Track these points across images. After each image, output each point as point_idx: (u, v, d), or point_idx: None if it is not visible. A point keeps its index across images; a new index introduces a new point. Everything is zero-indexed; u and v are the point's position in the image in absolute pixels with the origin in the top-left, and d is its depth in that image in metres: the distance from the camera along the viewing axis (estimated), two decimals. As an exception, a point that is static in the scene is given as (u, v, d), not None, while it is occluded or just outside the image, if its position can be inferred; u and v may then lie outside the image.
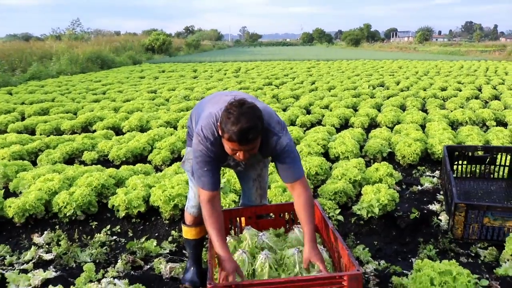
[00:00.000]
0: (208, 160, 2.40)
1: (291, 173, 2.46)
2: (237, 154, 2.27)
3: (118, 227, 4.02)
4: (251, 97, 2.56)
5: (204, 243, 3.09)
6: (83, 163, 5.98)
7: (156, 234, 3.88)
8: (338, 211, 3.89)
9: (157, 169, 5.65)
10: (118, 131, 7.89)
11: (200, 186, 2.44)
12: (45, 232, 3.91)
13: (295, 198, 2.51)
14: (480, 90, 12.38)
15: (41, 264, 3.41)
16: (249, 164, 2.81)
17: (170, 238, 3.74)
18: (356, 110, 9.32)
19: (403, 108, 9.69)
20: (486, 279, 2.85)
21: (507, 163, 4.67)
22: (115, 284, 2.92)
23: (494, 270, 3.03)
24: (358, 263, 2.20)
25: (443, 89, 12.61)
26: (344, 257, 2.36)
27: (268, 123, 2.39)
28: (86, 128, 8.23)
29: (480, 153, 4.69)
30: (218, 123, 2.27)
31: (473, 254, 3.36)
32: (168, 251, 3.54)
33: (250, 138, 2.16)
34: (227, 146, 2.27)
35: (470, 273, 2.68)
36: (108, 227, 4.00)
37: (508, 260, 3.05)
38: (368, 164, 5.36)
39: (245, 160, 2.34)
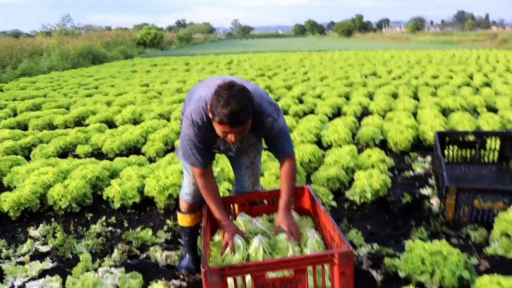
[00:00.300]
0: (196, 144, 2.48)
1: (284, 151, 2.64)
2: (229, 136, 2.30)
3: (113, 218, 4.04)
4: (242, 80, 2.59)
5: (199, 230, 3.12)
6: (76, 157, 5.98)
7: (152, 224, 3.91)
8: (331, 197, 3.94)
9: (151, 160, 5.67)
10: (111, 125, 7.89)
11: (191, 164, 2.58)
12: (41, 225, 3.93)
13: (281, 171, 2.69)
14: (471, 77, 12.44)
15: (37, 256, 3.43)
16: (241, 148, 2.84)
17: (165, 227, 3.77)
18: (348, 99, 9.36)
19: (395, 96, 9.73)
20: (476, 258, 2.91)
21: (497, 148, 4.72)
22: (111, 273, 2.96)
23: (483, 250, 3.09)
24: (348, 242, 2.24)
25: (435, 77, 12.68)
26: (335, 236, 2.40)
27: (260, 104, 2.44)
28: (79, 122, 8.21)
29: (470, 138, 4.75)
30: (208, 107, 2.30)
31: (464, 236, 3.42)
32: (163, 240, 3.57)
33: (241, 119, 2.20)
34: (218, 129, 2.30)
35: (460, 253, 2.74)
36: (104, 218, 4.02)
37: (497, 240, 3.11)
38: (360, 152, 5.40)
39: (237, 142, 2.38)
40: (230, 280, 2.21)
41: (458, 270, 2.61)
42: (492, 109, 8.02)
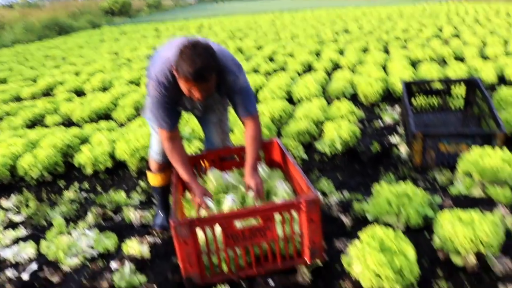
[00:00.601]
0: (163, 104, 2.47)
1: (246, 109, 2.61)
2: (194, 93, 2.31)
3: (86, 184, 4.03)
4: (206, 40, 2.57)
5: (171, 188, 3.13)
6: (46, 127, 5.88)
7: (125, 187, 3.91)
8: (302, 150, 3.98)
9: (122, 126, 5.62)
10: (80, 94, 7.74)
11: (159, 126, 2.56)
12: (13, 196, 3.90)
13: (246, 131, 2.69)
14: (441, 30, 12.52)
15: (11, 226, 3.41)
16: (207, 106, 2.84)
17: (139, 189, 3.78)
18: (319, 56, 9.34)
19: (366, 51, 9.75)
20: (440, 197, 3.01)
21: (463, 94, 4.80)
22: (86, 235, 2.97)
23: (448, 190, 3.20)
24: (315, 189, 2.29)
25: (405, 31, 12.70)
26: (303, 184, 2.45)
27: (224, 63, 2.45)
28: (47, 93, 8.03)
29: (436, 86, 4.81)
30: (173, 66, 2.29)
31: (431, 179, 3.52)
32: (137, 202, 3.59)
33: (205, 76, 2.22)
34: (184, 86, 2.30)
35: (425, 193, 2.83)
36: (77, 185, 4.01)
37: (460, 180, 3.22)
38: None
39: (203, 99, 2.37)
40: (200, 233, 2.25)
41: (423, 209, 2.71)
42: (460, 59, 8.12)
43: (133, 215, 3.29)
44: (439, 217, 2.42)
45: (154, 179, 2.99)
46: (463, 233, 2.27)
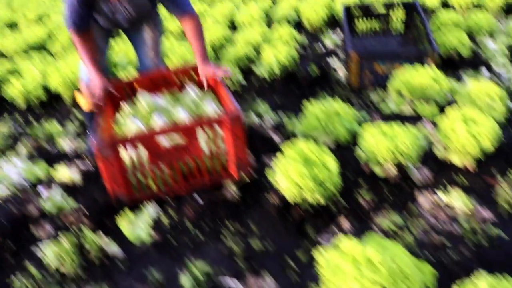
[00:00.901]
0: (76, 7, 2.41)
1: (182, 9, 2.60)
2: None
3: (19, 117, 3.89)
4: None
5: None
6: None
7: (61, 119, 3.79)
8: (240, 74, 3.94)
9: (58, 59, 5.37)
10: (13, 27, 7.28)
11: (68, 27, 2.50)
12: None
13: (187, 29, 2.66)
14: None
15: None
16: (136, 19, 2.74)
17: (75, 121, 3.69)
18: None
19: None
20: (369, 115, 3.09)
21: (403, 18, 4.82)
22: (16, 165, 2.89)
23: (379, 108, 3.28)
24: (240, 108, 2.31)
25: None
26: (229, 103, 2.44)
27: None
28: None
29: (376, 9, 4.79)
30: None
31: (366, 99, 3.57)
32: (73, 132, 3.50)
33: None
34: None
35: (355, 111, 2.90)
36: (9, 118, 3.86)
37: (392, 98, 3.30)
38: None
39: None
40: (126, 156, 2.23)
41: (351, 125, 2.78)
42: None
43: (67, 145, 3.23)
44: (363, 130, 2.49)
45: (86, 104, 2.91)
46: (384, 145, 2.35)
